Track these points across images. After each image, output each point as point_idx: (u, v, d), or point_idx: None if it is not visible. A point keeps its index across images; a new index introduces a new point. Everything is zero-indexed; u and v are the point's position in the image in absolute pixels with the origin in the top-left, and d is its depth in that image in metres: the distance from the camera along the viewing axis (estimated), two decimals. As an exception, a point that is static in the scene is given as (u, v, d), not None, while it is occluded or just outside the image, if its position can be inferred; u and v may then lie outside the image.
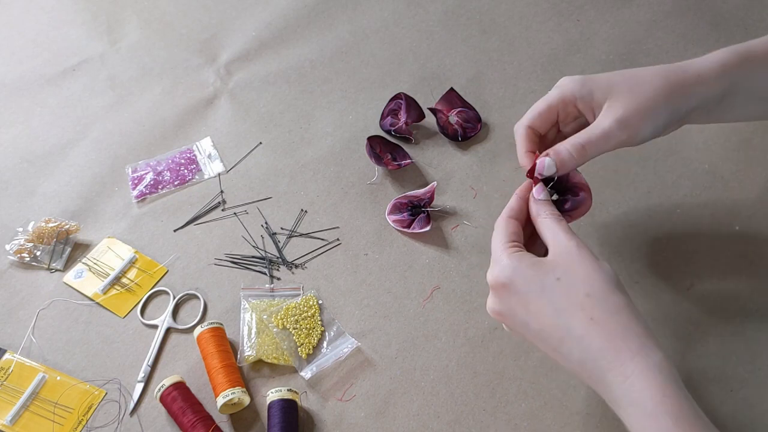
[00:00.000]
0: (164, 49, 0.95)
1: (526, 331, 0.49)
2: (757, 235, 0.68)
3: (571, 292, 0.46)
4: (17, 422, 0.64)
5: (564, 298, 0.46)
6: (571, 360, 0.46)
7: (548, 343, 0.47)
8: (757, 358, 0.60)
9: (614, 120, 0.52)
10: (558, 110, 0.57)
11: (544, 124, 0.58)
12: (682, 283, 0.65)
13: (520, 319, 0.48)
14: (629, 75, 0.55)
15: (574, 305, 0.46)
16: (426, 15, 0.94)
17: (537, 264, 0.48)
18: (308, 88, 0.88)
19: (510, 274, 0.48)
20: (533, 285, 0.47)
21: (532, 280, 0.47)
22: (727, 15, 0.87)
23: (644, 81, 0.54)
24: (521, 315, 0.48)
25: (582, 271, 0.47)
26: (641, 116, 0.53)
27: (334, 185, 0.78)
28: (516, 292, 0.48)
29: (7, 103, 0.91)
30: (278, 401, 0.60)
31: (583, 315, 0.45)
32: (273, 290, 0.70)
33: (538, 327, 0.47)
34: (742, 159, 0.73)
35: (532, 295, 0.47)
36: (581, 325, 0.45)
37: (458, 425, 0.60)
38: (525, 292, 0.47)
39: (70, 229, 0.75)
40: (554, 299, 0.46)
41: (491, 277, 0.49)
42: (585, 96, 0.55)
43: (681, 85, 0.54)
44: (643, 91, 0.53)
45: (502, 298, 0.49)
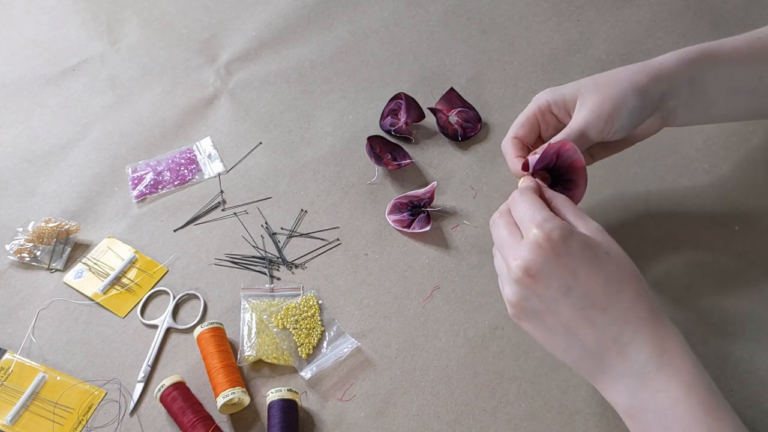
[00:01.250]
0: (164, 49, 0.95)
1: (562, 296, 0.46)
2: (757, 235, 0.68)
3: (620, 266, 0.47)
4: (17, 422, 0.64)
5: (615, 271, 0.47)
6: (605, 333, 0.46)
7: (586, 313, 0.46)
8: (757, 358, 0.60)
9: (588, 111, 0.56)
10: (537, 119, 0.60)
11: (527, 134, 0.61)
12: (681, 282, 0.65)
13: (562, 282, 0.46)
14: (595, 76, 0.59)
15: (624, 278, 0.47)
16: (426, 15, 0.94)
17: (587, 235, 0.48)
18: (308, 88, 0.88)
19: (567, 236, 0.46)
20: (588, 252, 0.47)
21: (587, 248, 0.47)
22: (727, 15, 0.87)
23: (609, 76, 0.58)
24: (566, 279, 0.46)
25: (621, 253, 0.49)
26: (612, 104, 0.56)
27: (334, 185, 0.78)
28: (569, 254, 0.46)
29: (7, 103, 0.91)
30: (278, 401, 0.60)
31: (632, 288, 0.47)
32: (273, 290, 0.70)
33: (583, 293, 0.46)
34: (742, 159, 0.73)
35: (585, 261, 0.46)
36: (630, 297, 0.46)
37: (458, 425, 0.60)
38: (579, 257, 0.46)
39: (70, 229, 0.75)
40: (606, 270, 0.47)
41: (541, 232, 0.46)
42: (557, 100, 0.59)
43: (645, 71, 0.57)
44: (609, 83, 0.57)
45: (548, 257, 0.46)
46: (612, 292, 0.46)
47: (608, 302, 0.46)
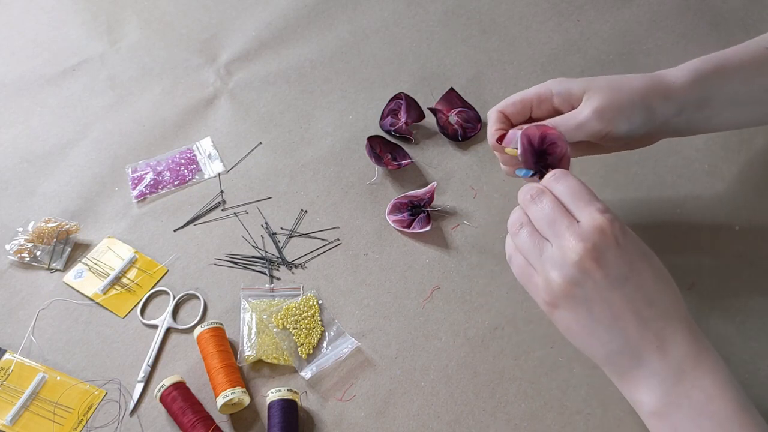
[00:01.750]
0: (164, 49, 0.95)
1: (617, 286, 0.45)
2: (757, 235, 0.68)
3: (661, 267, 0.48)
4: (17, 422, 0.64)
5: (660, 269, 0.48)
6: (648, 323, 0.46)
7: (636, 305, 0.46)
8: (757, 358, 0.60)
9: (592, 110, 0.55)
10: (532, 104, 0.59)
11: (515, 113, 0.60)
12: (682, 282, 0.65)
13: (620, 271, 0.45)
14: (607, 77, 0.58)
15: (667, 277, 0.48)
16: (426, 15, 0.94)
17: None
18: (308, 88, 0.88)
19: (623, 228, 0.47)
20: (641, 246, 0.48)
21: (638, 242, 0.48)
22: (727, 15, 0.87)
23: (622, 81, 0.57)
24: (624, 268, 0.46)
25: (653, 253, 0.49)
26: (617, 110, 0.55)
27: (334, 185, 0.78)
28: (627, 245, 0.46)
29: (7, 103, 0.91)
30: (278, 401, 0.60)
31: (673, 288, 0.48)
32: (273, 290, 0.70)
33: (638, 285, 0.46)
34: (742, 159, 0.73)
35: (640, 255, 0.47)
36: (672, 295, 0.47)
37: (458, 425, 0.60)
38: (635, 250, 0.47)
39: (70, 229, 0.75)
40: (654, 267, 0.48)
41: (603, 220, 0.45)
42: (562, 92, 0.58)
43: (657, 89, 0.56)
44: (621, 88, 0.56)
45: (610, 245, 0.45)
46: (660, 288, 0.47)
47: (656, 297, 0.46)
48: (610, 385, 0.60)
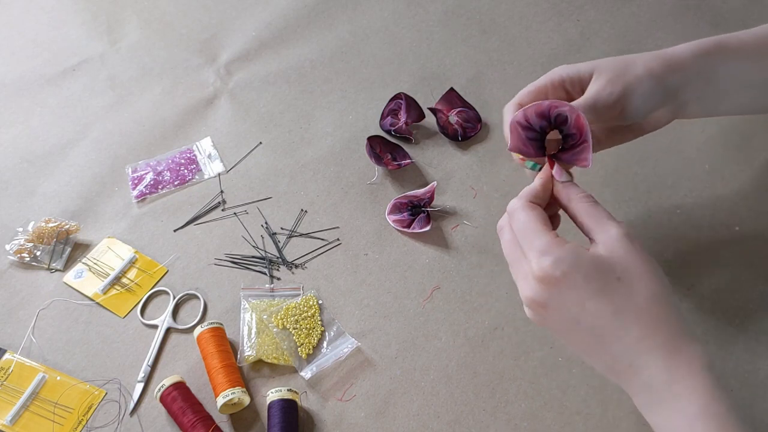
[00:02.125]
0: (164, 49, 0.95)
1: (573, 327, 0.46)
2: (757, 235, 0.68)
3: (632, 293, 0.44)
4: (17, 422, 0.64)
5: (625, 300, 0.44)
6: (618, 360, 0.45)
7: (597, 342, 0.45)
8: (757, 358, 0.60)
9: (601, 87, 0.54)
10: (547, 92, 0.58)
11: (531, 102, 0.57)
12: (682, 283, 0.65)
13: (570, 314, 0.45)
14: (613, 57, 0.57)
15: (635, 307, 0.44)
16: (426, 15, 0.94)
17: (596, 261, 0.45)
18: (308, 88, 0.88)
19: (567, 270, 0.44)
20: (594, 283, 0.44)
21: (592, 279, 0.44)
22: (727, 15, 0.87)
23: (626, 59, 0.56)
24: (574, 311, 0.45)
25: (639, 271, 0.45)
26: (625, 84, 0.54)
27: (334, 185, 0.78)
28: (573, 287, 0.44)
29: (7, 103, 0.91)
30: (278, 401, 0.60)
31: (644, 318, 0.44)
32: (273, 290, 0.70)
33: (592, 325, 0.45)
34: (742, 159, 0.73)
35: (592, 293, 0.44)
36: (641, 328, 0.44)
37: (458, 425, 0.60)
38: (584, 288, 0.44)
39: (70, 229, 0.75)
40: (615, 300, 0.44)
41: (539, 268, 0.45)
42: (572, 76, 0.57)
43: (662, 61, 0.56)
44: (626, 64, 0.56)
45: (552, 292, 0.45)
46: (622, 324, 0.44)
47: (619, 332, 0.44)
48: (609, 385, 0.60)
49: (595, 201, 0.49)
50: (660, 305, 0.45)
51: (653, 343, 0.44)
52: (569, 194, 0.50)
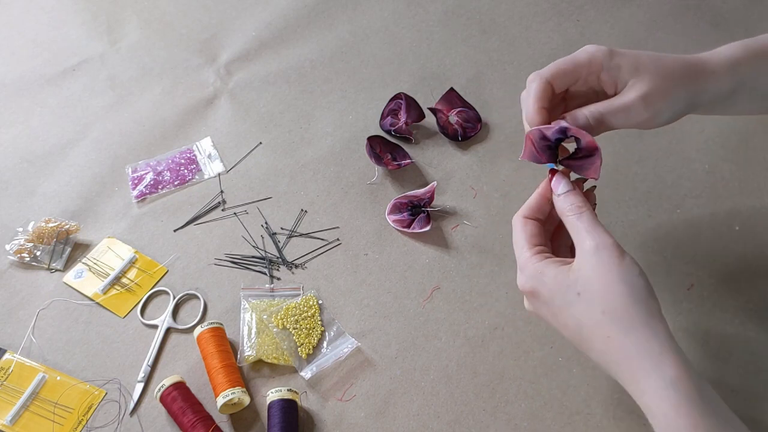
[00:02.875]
0: (164, 49, 0.95)
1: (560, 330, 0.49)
2: (757, 235, 0.68)
3: (590, 308, 0.45)
4: (17, 422, 0.64)
5: (585, 315, 0.46)
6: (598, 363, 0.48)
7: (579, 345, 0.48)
8: (757, 358, 0.60)
9: (639, 96, 0.52)
10: (581, 74, 0.54)
11: (563, 83, 0.55)
12: (682, 283, 0.65)
13: (552, 323, 0.49)
14: (655, 58, 0.54)
15: (593, 322, 0.45)
16: (426, 15, 0.94)
17: (560, 275, 0.47)
18: (308, 88, 0.88)
19: (535, 285, 0.48)
20: (557, 299, 0.47)
21: (555, 294, 0.47)
22: (727, 15, 0.87)
23: (669, 66, 0.54)
24: (552, 321, 0.49)
25: (600, 284, 0.45)
26: (663, 98, 0.52)
27: (334, 185, 0.78)
28: (544, 302, 0.48)
29: (7, 103, 0.91)
30: (278, 401, 0.60)
31: (601, 333, 0.45)
32: (273, 290, 0.70)
33: (569, 335, 0.48)
34: (742, 159, 0.73)
35: (557, 308, 0.47)
36: (600, 342, 0.45)
37: (458, 425, 0.60)
38: (550, 304, 0.48)
39: (70, 229, 0.75)
40: (576, 315, 0.46)
41: (519, 283, 0.50)
42: (612, 69, 0.53)
43: (699, 76, 0.54)
44: (667, 75, 0.53)
45: (533, 302, 0.50)
46: (586, 337, 0.46)
47: (588, 344, 0.47)
48: (609, 385, 0.60)
49: (582, 213, 0.49)
50: (614, 320, 0.45)
51: (613, 357, 0.45)
52: (563, 208, 0.50)
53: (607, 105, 0.52)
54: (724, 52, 0.56)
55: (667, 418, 0.43)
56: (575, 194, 0.50)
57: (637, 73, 0.53)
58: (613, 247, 0.46)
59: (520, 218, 0.52)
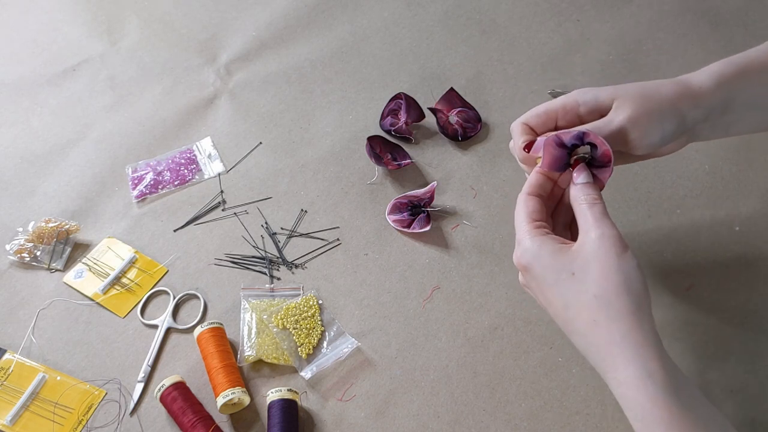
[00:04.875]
0: (164, 49, 0.95)
1: (546, 307, 0.50)
2: (757, 235, 0.68)
3: (581, 289, 0.46)
4: (17, 422, 0.64)
5: (573, 295, 0.46)
6: (580, 347, 0.48)
7: (563, 327, 0.49)
8: (757, 358, 0.60)
9: (625, 117, 0.53)
10: (557, 116, 0.57)
11: (539, 125, 0.57)
12: (682, 283, 0.65)
13: (540, 299, 0.50)
14: (636, 84, 0.55)
15: (581, 304, 0.46)
16: (426, 15, 0.94)
17: (557, 253, 0.48)
18: (308, 88, 0.88)
19: (530, 259, 0.48)
20: (548, 275, 0.47)
21: (548, 270, 0.48)
22: (727, 15, 0.87)
23: (651, 89, 0.54)
24: (540, 298, 0.50)
25: (597, 268, 0.46)
26: (650, 118, 0.53)
27: (334, 185, 0.78)
28: (534, 277, 0.49)
29: (7, 103, 0.91)
30: (278, 401, 0.60)
31: (587, 315, 0.46)
32: (273, 290, 0.70)
33: (552, 313, 0.49)
34: (742, 159, 0.73)
35: (546, 285, 0.48)
36: (584, 325, 0.46)
37: (458, 425, 0.60)
38: (541, 279, 0.48)
39: (70, 229, 0.75)
40: (565, 294, 0.47)
41: (515, 257, 0.50)
42: (589, 101, 0.55)
43: (686, 95, 0.55)
44: (651, 96, 0.54)
45: (526, 276, 0.50)
46: (570, 318, 0.47)
47: (571, 326, 0.47)
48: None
49: (594, 204, 0.50)
50: (605, 305, 0.45)
51: (595, 342, 0.46)
52: (578, 197, 0.51)
53: (595, 125, 0.54)
54: (708, 69, 0.57)
55: (643, 409, 0.43)
56: (593, 187, 0.51)
57: (617, 96, 0.54)
58: (617, 238, 0.47)
59: (524, 194, 0.52)
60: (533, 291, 0.51)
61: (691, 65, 0.57)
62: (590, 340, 0.46)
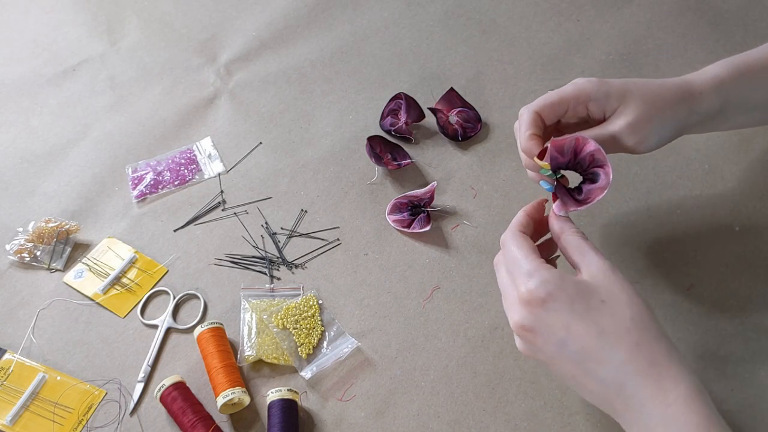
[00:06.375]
0: (164, 49, 0.95)
1: (560, 351, 0.46)
2: (757, 235, 0.68)
3: (616, 315, 0.45)
4: (17, 422, 0.64)
5: (610, 321, 0.45)
6: (606, 385, 0.45)
7: (584, 366, 0.46)
8: (757, 358, 0.60)
9: (626, 124, 0.54)
10: (569, 105, 0.56)
11: (551, 114, 0.57)
12: (682, 283, 0.65)
13: (557, 337, 0.46)
14: (641, 84, 0.55)
15: (620, 329, 0.45)
16: (426, 15, 0.94)
17: (580, 284, 0.46)
18: (308, 88, 0.88)
19: (552, 290, 0.46)
20: (578, 304, 0.45)
21: (577, 300, 0.45)
22: (727, 15, 0.87)
23: (655, 91, 0.55)
24: (559, 333, 0.46)
25: (624, 295, 0.46)
26: (650, 123, 0.54)
27: (334, 185, 0.78)
28: (557, 309, 0.46)
29: (7, 103, 0.91)
30: (278, 401, 0.60)
31: (629, 339, 0.44)
32: (273, 290, 0.70)
33: (578, 348, 0.45)
34: (742, 159, 0.73)
35: (577, 315, 0.45)
36: (627, 349, 0.44)
37: (458, 425, 0.60)
38: (569, 310, 0.45)
39: (70, 229, 0.75)
40: (600, 321, 0.45)
41: (526, 290, 0.47)
42: (600, 98, 0.55)
43: (687, 101, 0.55)
44: (654, 102, 0.54)
45: (538, 314, 0.46)
46: (607, 345, 0.44)
47: (605, 355, 0.45)
48: (610, 385, 0.60)
49: (584, 236, 0.51)
50: (644, 327, 0.45)
51: (640, 365, 0.44)
52: (563, 227, 0.52)
53: (596, 131, 0.55)
54: (708, 72, 0.57)
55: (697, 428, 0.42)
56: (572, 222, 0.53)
57: (624, 100, 0.55)
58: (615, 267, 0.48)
59: (518, 233, 0.52)
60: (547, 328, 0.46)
61: (691, 65, 0.57)
62: (632, 366, 0.44)
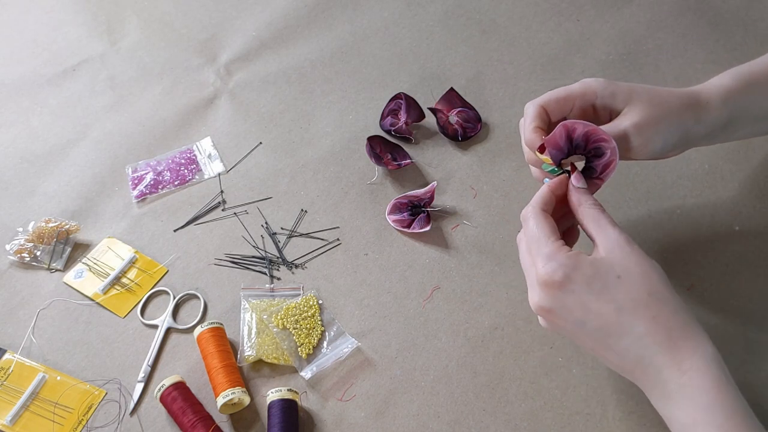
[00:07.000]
0: (164, 49, 0.95)
1: (579, 329, 0.48)
2: (757, 235, 0.68)
3: (633, 290, 0.46)
4: (17, 422, 0.64)
5: (627, 297, 0.46)
6: (626, 357, 0.47)
7: (604, 341, 0.47)
8: (757, 358, 0.60)
9: (631, 124, 0.54)
10: (575, 102, 0.57)
11: (556, 110, 0.57)
12: (682, 283, 0.65)
13: (575, 317, 0.47)
14: (649, 89, 0.56)
15: (637, 304, 0.46)
16: (426, 15, 0.94)
17: (596, 263, 0.47)
18: (308, 88, 0.88)
19: (570, 273, 0.47)
20: (595, 284, 0.46)
21: (593, 280, 0.46)
22: (727, 15, 0.87)
23: (663, 96, 0.55)
24: (578, 314, 0.47)
25: (640, 269, 0.47)
26: (655, 128, 0.54)
27: (334, 185, 0.78)
28: (574, 291, 0.47)
29: (7, 103, 0.91)
30: (278, 401, 0.60)
31: (647, 313, 0.45)
32: (273, 290, 0.70)
33: (597, 326, 0.47)
34: (742, 159, 0.73)
35: (594, 295, 0.46)
36: (644, 324, 0.45)
37: (458, 425, 0.60)
38: (586, 291, 0.46)
39: (70, 229, 0.75)
40: (617, 298, 0.46)
41: (545, 273, 0.48)
42: (606, 98, 0.56)
43: (693, 110, 0.56)
44: (660, 105, 0.55)
45: (556, 296, 0.48)
46: (625, 321, 0.46)
47: (623, 330, 0.46)
48: (609, 385, 0.60)
49: (602, 209, 0.51)
50: (661, 300, 0.46)
51: (657, 338, 0.45)
52: (580, 199, 0.52)
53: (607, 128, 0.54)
54: (716, 83, 0.57)
55: (709, 396, 0.43)
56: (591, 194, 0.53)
57: (630, 101, 0.55)
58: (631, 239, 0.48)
59: (539, 211, 0.51)
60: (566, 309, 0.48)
61: (691, 65, 0.57)
62: (650, 339, 0.45)
